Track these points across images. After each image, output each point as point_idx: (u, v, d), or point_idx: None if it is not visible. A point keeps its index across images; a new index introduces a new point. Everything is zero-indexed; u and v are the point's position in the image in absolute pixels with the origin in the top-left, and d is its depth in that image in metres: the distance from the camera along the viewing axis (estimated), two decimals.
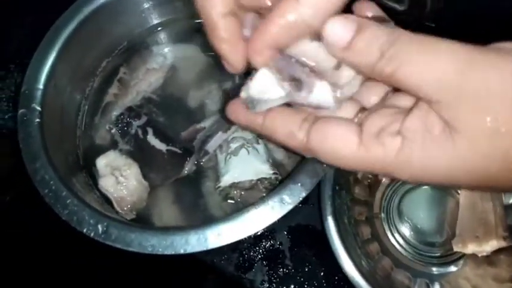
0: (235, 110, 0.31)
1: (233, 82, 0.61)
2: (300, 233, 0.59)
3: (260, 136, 0.57)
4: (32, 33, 0.55)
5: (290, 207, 0.42)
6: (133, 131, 0.58)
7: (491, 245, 0.53)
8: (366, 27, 0.24)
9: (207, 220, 0.53)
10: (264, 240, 0.59)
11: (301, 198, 0.42)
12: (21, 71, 0.52)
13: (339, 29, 0.25)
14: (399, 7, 0.61)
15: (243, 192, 0.54)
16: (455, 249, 0.54)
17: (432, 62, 0.22)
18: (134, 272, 0.59)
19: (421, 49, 0.23)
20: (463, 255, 0.56)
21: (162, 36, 0.65)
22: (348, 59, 0.25)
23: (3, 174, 0.68)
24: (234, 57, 0.28)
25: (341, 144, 0.26)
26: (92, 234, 0.43)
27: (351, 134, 0.26)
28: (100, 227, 0.43)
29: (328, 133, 0.26)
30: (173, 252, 0.41)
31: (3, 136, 0.70)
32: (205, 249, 0.41)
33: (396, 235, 0.59)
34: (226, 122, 0.57)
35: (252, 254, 0.58)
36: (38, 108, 0.50)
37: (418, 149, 0.24)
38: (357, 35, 0.24)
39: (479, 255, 0.54)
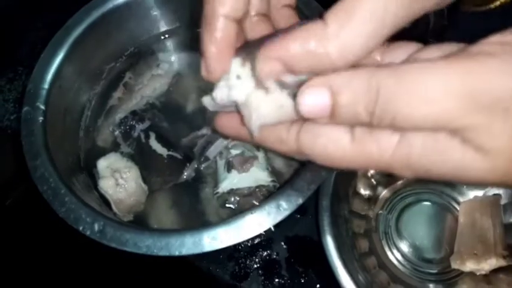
0: (223, 123, 0.30)
1: None
2: (298, 244, 0.59)
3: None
4: (43, 37, 0.56)
5: (286, 213, 0.42)
6: (135, 134, 0.58)
7: (490, 264, 0.52)
8: (340, 89, 0.22)
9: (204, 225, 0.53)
10: (260, 250, 0.59)
11: (298, 205, 0.42)
12: (30, 73, 0.53)
13: (313, 101, 0.23)
14: None
15: (240, 199, 0.54)
16: (453, 266, 0.54)
17: (428, 94, 0.20)
18: (130, 278, 0.59)
19: (410, 86, 0.20)
20: (460, 273, 0.56)
21: (168, 43, 0.66)
22: (340, 124, 0.23)
23: (5, 176, 0.69)
24: (215, 64, 0.27)
25: (332, 144, 0.24)
26: (88, 233, 0.43)
27: (342, 131, 0.24)
28: (96, 225, 0.43)
29: (318, 133, 0.25)
30: (167, 254, 0.41)
31: (8, 137, 0.71)
32: (200, 252, 0.41)
33: (394, 250, 0.58)
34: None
35: (248, 263, 0.58)
36: (42, 107, 0.51)
37: (417, 153, 0.22)
38: (336, 102, 0.22)
39: (478, 273, 0.53)
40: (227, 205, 0.55)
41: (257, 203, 0.52)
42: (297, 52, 0.23)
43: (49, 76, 0.52)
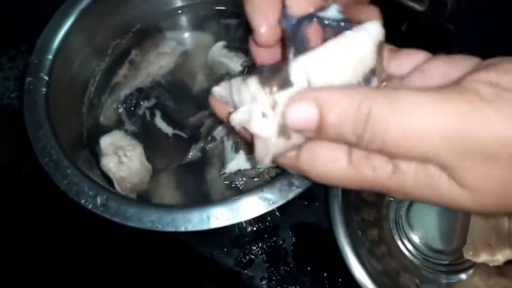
0: (216, 105, 0.29)
1: (248, 72, 0.59)
2: (304, 231, 0.58)
3: None
4: (47, 15, 0.54)
5: (299, 191, 0.40)
6: (140, 112, 0.56)
7: (504, 255, 0.50)
8: (328, 106, 0.22)
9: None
10: (266, 236, 0.57)
11: (311, 184, 0.40)
12: (32, 51, 0.51)
13: (300, 114, 0.22)
14: (419, 7, 0.60)
15: (247, 180, 0.52)
16: (466, 257, 0.52)
17: (420, 128, 0.20)
18: (130, 261, 0.57)
19: (402, 115, 0.20)
20: (472, 264, 0.54)
21: (176, 21, 0.64)
22: (328, 140, 0.23)
23: (4, 156, 0.67)
24: (265, 29, 0.26)
25: (331, 165, 0.24)
26: (90, 206, 0.41)
27: (340, 153, 0.24)
28: (99, 199, 0.41)
29: (318, 153, 0.25)
30: (173, 229, 0.39)
31: (8, 115, 0.69)
32: (207, 228, 0.39)
33: (404, 239, 0.57)
34: None
35: (253, 249, 0.56)
36: (46, 78, 0.49)
37: (410, 182, 0.23)
38: (323, 119, 0.22)
39: (491, 264, 0.52)
40: (233, 185, 0.53)
41: None
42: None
43: (54, 46, 0.51)
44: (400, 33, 0.65)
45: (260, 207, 0.40)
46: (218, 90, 0.28)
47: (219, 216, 0.40)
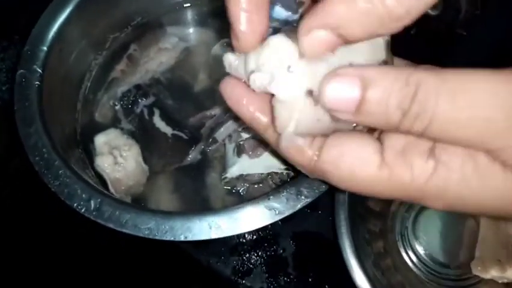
0: (227, 88, 0.25)
1: None
2: (306, 240, 0.55)
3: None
4: (43, 4, 0.51)
5: (308, 201, 0.38)
6: (138, 110, 0.54)
7: None
8: (374, 81, 0.19)
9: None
10: (266, 245, 0.55)
11: (321, 192, 0.38)
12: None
13: (340, 92, 0.20)
14: (431, 11, 0.58)
15: (249, 186, 0.50)
16: (474, 272, 0.50)
17: (474, 98, 0.18)
18: (125, 269, 0.55)
19: (454, 86, 0.18)
20: (480, 280, 0.52)
21: (178, 17, 0.62)
22: (363, 123, 0.21)
23: None
24: (248, 31, 0.23)
25: (359, 164, 0.21)
26: (83, 210, 0.38)
27: (371, 151, 0.22)
28: (92, 203, 0.39)
29: (344, 150, 0.22)
30: (172, 239, 0.37)
31: None
32: (208, 238, 0.37)
33: (410, 252, 0.55)
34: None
35: (251, 258, 0.54)
36: (40, 70, 0.46)
37: (456, 178, 0.20)
38: (366, 95, 0.19)
39: (500, 281, 0.50)
40: (234, 191, 0.50)
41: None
42: (347, 12, 0.19)
43: (49, 37, 0.48)
44: (409, 37, 0.63)
45: (265, 218, 0.38)
46: (232, 58, 0.25)
47: (221, 226, 0.37)
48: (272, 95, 0.22)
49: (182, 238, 0.36)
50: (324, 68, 0.21)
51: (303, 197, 0.38)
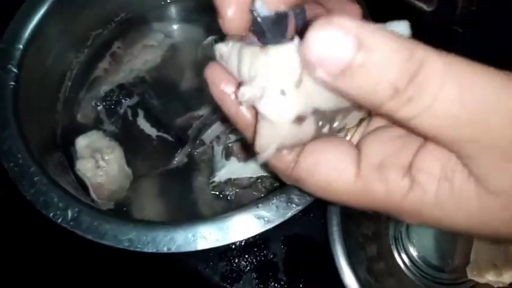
0: (212, 74, 0.23)
1: None
2: (297, 244, 0.54)
3: None
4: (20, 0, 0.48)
5: (298, 208, 0.36)
6: (121, 111, 0.52)
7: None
8: (371, 45, 0.16)
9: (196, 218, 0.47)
10: (255, 250, 0.53)
11: (312, 200, 0.36)
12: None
13: (330, 46, 0.16)
14: (426, 7, 0.56)
15: (238, 191, 0.48)
16: (470, 276, 0.49)
17: (478, 109, 0.16)
18: (108, 275, 0.52)
19: (463, 88, 0.16)
20: (475, 284, 0.52)
21: (165, 12, 0.59)
22: (341, 90, 0.18)
23: None
24: (232, 10, 0.22)
25: (334, 175, 0.21)
26: (59, 220, 0.36)
27: (348, 161, 0.21)
28: (69, 212, 0.37)
29: (320, 158, 0.21)
30: (154, 250, 0.35)
31: None
32: (193, 250, 0.35)
33: (404, 256, 0.54)
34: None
35: (241, 263, 0.53)
36: (15, 70, 0.44)
37: (431, 201, 0.19)
38: (357, 59, 0.16)
39: (495, 286, 0.49)
40: (222, 196, 0.48)
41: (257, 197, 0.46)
42: None
43: (26, 34, 0.46)
44: None
45: (254, 227, 0.36)
46: (224, 49, 0.22)
47: (207, 236, 0.35)
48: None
49: (165, 250, 0.35)
50: (322, 95, 0.19)
51: (293, 205, 0.36)
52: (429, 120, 0.17)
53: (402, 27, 0.21)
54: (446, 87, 0.16)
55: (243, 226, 0.36)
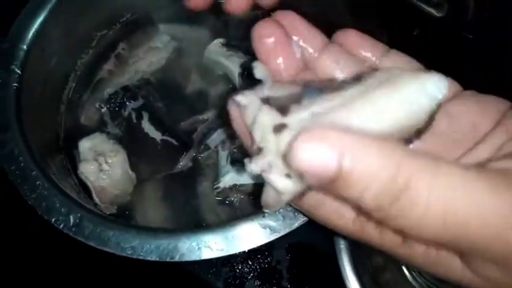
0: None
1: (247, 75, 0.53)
2: (302, 252, 0.53)
3: None
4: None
5: (305, 219, 0.35)
6: (126, 113, 0.51)
7: None
8: (353, 160, 0.16)
9: (199, 225, 0.46)
10: (259, 257, 0.53)
11: None
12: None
13: (314, 157, 0.16)
14: (436, 13, 0.55)
15: (243, 197, 0.47)
16: None
17: (460, 216, 0.17)
18: (108, 277, 0.52)
19: (446, 201, 0.16)
20: None
21: (171, 13, 0.58)
22: (336, 196, 0.18)
23: None
24: None
25: (335, 215, 0.23)
26: (61, 226, 0.36)
27: (347, 208, 0.23)
28: (72, 218, 0.36)
29: (322, 204, 0.23)
30: (157, 259, 0.34)
31: None
32: (197, 259, 0.34)
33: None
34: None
35: (244, 270, 0.52)
36: (18, 71, 0.43)
37: (421, 258, 0.21)
38: (341, 173, 0.16)
39: None
40: (227, 202, 0.48)
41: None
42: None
43: (30, 34, 0.45)
44: (411, 38, 0.60)
45: (259, 237, 0.35)
46: (243, 100, 0.22)
47: (212, 246, 0.35)
48: None
49: (168, 259, 0.34)
50: None
51: (301, 215, 0.35)
52: (419, 233, 0.17)
53: (438, 82, 0.20)
54: (432, 208, 0.16)
55: (249, 236, 0.35)
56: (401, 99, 0.19)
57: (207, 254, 0.34)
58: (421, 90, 0.19)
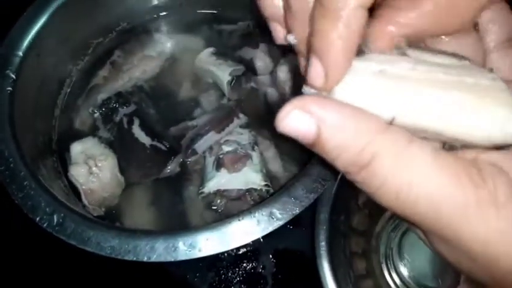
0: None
1: (236, 83, 0.55)
2: (287, 258, 0.53)
3: (256, 143, 0.51)
4: (22, 6, 0.49)
5: (279, 223, 0.36)
6: (117, 119, 0.52)
7: None
8: (328, 133, 0.19)
9: (183, 228, 0.47)
10: (245, 261, 0.53)
11: (293, 215, 0.36)
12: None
13: (297, 125, 0.19)
14: None
15: (227, 202, 0.48)
16: None
17: (417, 196, 0.18)
18: (96, 281, 0.52)
19: (402, 180, 0.18)
20: None
21: (166, 23, 0.60)
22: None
23: None
24: (339, 68, 0.21)
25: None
26: (45, 225, 0.37)
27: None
28: (55, 217, 0.37)
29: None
30: (134, 259, 0.35)
31: None
32: (173, 260, 0.35)
33: (394, 274, 0.53)
34: (220, 123, 0.51)
35: (230, 275, 0.52)
36: (13, 76, 0.45)
37: None
38: (319, 140, 0.19)
39: None
40: (212, 207, 0.48)
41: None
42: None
43: (26, 41, 0.46)
44: None
45: (235, 240, 0.36)
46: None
47: (188, 247, 0.35)
48: None
49: (145, 259, 0.35)
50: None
51: (275, 219, 0.36)
52: (378, 200, 0.19)
53: None
54: (388, 182, 0.18)
55: (224, 239, 0.36)
56: (476, 121, 0.18)
57: (182, 255, 0.35)
58: (500, 125, 0.19)
